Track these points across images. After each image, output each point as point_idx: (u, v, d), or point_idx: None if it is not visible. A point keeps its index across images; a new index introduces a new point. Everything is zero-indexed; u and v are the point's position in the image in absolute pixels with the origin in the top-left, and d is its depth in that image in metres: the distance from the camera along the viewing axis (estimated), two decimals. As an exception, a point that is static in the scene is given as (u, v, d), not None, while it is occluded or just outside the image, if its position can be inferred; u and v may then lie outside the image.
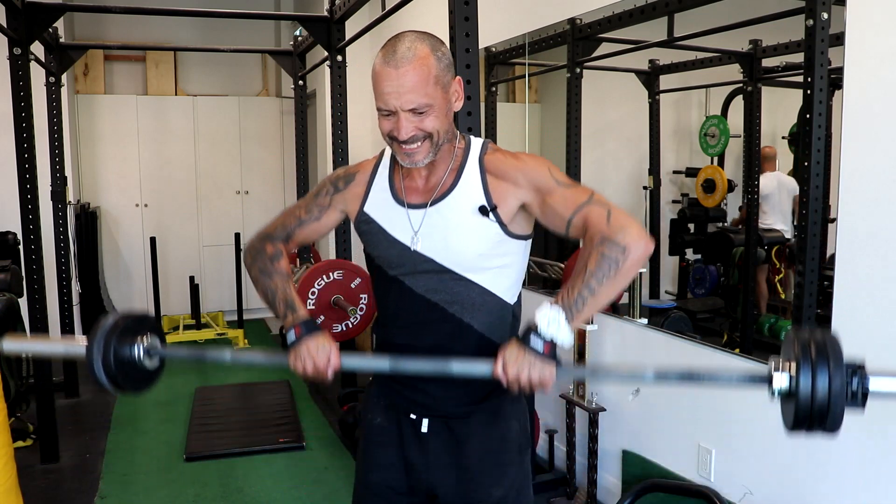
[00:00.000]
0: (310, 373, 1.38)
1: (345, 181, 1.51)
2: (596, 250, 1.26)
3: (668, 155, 3.56)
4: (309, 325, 1.40)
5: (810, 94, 2.03)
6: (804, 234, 2.09)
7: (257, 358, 1.50)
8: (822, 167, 2.06)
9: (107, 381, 1.34)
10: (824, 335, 1.08)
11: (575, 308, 1.25)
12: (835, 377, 1.03)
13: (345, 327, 3.63)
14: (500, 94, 4.04)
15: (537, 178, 1.37)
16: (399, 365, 1.35)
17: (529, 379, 1.24)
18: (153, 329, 1.44)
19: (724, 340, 3.08)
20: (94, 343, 1.34)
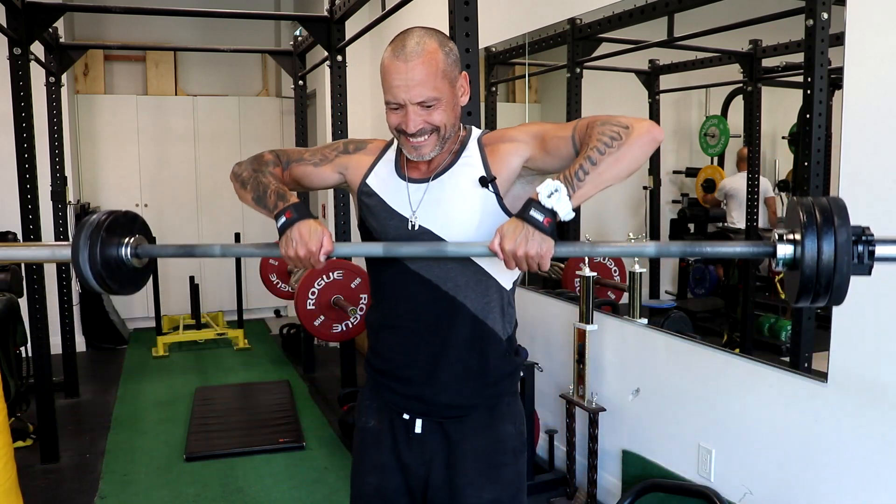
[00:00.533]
0: (302, 257, 1.32)
1: (355, 147, 1.54)
2: (597, 129, 1.25)
3: (668, 155, 3.56)
4: (300, 209, 1.34)
5: (810, 94, 2.03)
6: (804, 234, 2.09)
7: (248, 250, 1.45)
8: (822, 167, 2.06)
9: (93, 278, 1.30)
10: (828, 199, 1.04)
11: (576, 179, 1.21)
12: (840, 237, 0.99)
13: (345, 327, 3.64)
14: (500, 94, 4.04)
15: (533, 128, 1.41)
16: (392, 249, 1.33)
17: (527, 253, 1.19)
18: (141, 228, 1.41)
19: (724, 340, 3.08)
20: (80, 239, 1.29)
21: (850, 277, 1.01)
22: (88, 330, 5.74)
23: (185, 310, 6.12)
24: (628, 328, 2.93)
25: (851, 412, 1.99)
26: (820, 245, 0.99)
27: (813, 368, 2.14)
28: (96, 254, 1.29)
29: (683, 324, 3.02)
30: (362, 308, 3.55)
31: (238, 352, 5.72)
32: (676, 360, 2.66)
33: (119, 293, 1.38)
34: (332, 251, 1.33)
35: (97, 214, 1.34)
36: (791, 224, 1.07)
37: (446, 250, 1.30)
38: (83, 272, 1.29)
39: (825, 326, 2.01)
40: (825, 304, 1.05)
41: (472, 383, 1.45)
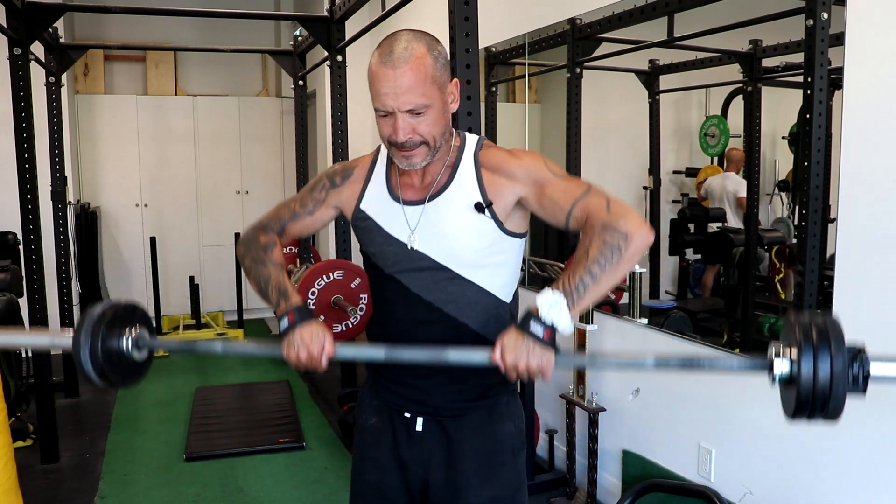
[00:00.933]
0: (303, 361, 1.33)
1: (342, 177, 1.51)
2: (597, 237, 1.25)
3: (668, 155, 3.56)
4: (302, 312, 1.36)
5: (810, 94, 2.03)
6: (804, 234, 2.09)
7: (249, 348, 1.46)
8: (822, 167, 2.06)
9: (94, 373, 1.30)
10: (825, 318, 1.06)
11: (576, 293, 1.22)
12: (836, 361, 1.01)
13: (345, 327, 3.63)
14: (500, 94, 4.04)
15: (534, 171, 1.36)
16: (394, 354, 1.33)
17: (528, 366, 1.21)
18: (142, 319, 1.40)
19: (724, 340, 3.08)
20: (81, 333, 1.29)
21: (845, 400, 1.04)
22: (88, 330, 5.73)
23: (185, 310, 6.12)
24: (628, 328, 2.93)
25: (851, 412, 1.98)
26: (816, 368, 1.01)
27: (813, 368, 2.13)
28: (98, 348, 1.29)
29: (683, 324, 3.02)
30: (362, 308, 3.55)
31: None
32: (676, 360, 2.66)
33: (119, 386, 1.37)
34: (334, 354, 1.34)
35: (99, 306, 1.34)
36: (787, 340, 1.09)
37: (448, 358, 1.28)
38: (85, 367, 1.30)
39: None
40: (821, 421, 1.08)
41: (471, 386, 1.46)
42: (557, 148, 3.48)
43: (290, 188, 6.42)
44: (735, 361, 1.14)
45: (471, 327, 1.42)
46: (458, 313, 1.41)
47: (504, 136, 3.99)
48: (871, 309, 1.90)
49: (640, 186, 3.59)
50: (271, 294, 1.43)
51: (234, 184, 6.57)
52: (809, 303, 2.13)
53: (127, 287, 6.30)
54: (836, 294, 1.98)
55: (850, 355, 1.03)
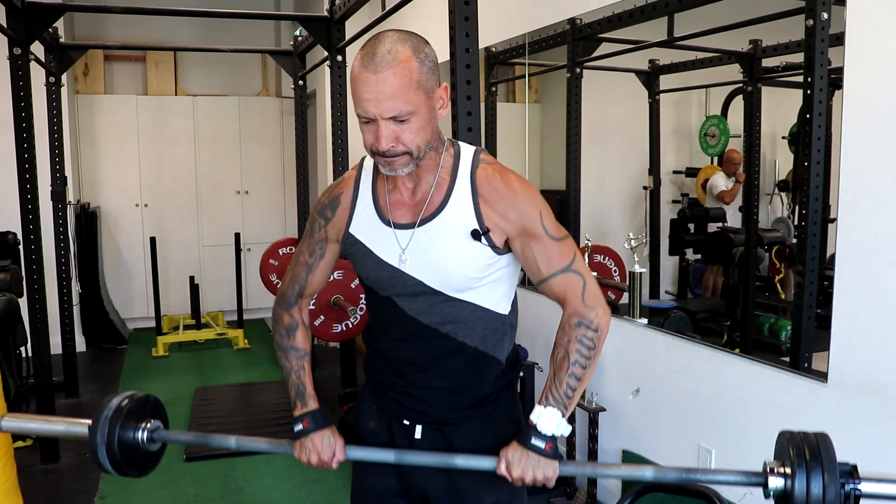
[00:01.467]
0: (314, 464, 1.43)
1: (332, 209, 1.45)
2: (574, 335, 1.33)
3: (668, 155, 3.56)
4: (317, 419, 1.45)
5: (810, 94, 2.03)
6: (804, 234, 2.09)
7: (262, 446, 1.49)
8: (822, 167, 2.06)
9: (111, 467, 1.33)
10: (817, 438, 1.12)
11: (566, 399, 1.32)
12: (829, 485, 1.07)
13: (345, 327, 3.64)
14: (500, 94, 4.04)
15: (527, 221, 1.33)
16: (403, 457, 1.39)
17: (535, 478, 1.30)
18: (155, 410, 1.42)
19: (724, 340, 3.08)
20: (98, 428, 1.32)
21: None
22: (88, 330, 5.74)
23: (185, 310, 6.12)
24: (628, 328, 2.93)
25: (851, 412, 1.99)
26: (809, 488, 1.08)
27: (813, 368, 2.14)
28: (114, 443, 1.32)
29: (683, 324, 3.02)
30: (362, 308, 3.55)
31: (238, 352, 5.72)
32: (676, 360, 2.66)
33: (132, 476, 1.39)
34: (344, 459, 1.43)
35: (115, 399, 1.36)
36: (781, 457, 1.15)
37: (455, 463, 1.35)
38: (101, 462, 1.33)
39: (825, 326, 2.01)
40: None
41: (469, 399, 1.45)
42: (557, 148, 3.49)
43: (290, 188, 6.42)
44: (731, 476, 1.21)
45: (469, 344, 1.40)
46: (455, 332, 1.39)
47: (504, 136, 3.99)
48: (871, 309, 1.90)
49: (640, 186, 3.59)
50: (290, 391, 1.50)
51: (234, 184, 6.57)
52: (809, 302, 2.13)
53: (127, 287, 6.31)
54: (836, 294, 1.98)
55: (841, 476, 1.09)
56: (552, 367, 1.35)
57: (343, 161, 3.96)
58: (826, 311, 2.02)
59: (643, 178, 3.54)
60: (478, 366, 1.43)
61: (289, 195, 6.60)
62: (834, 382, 2.02)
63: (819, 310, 2.12)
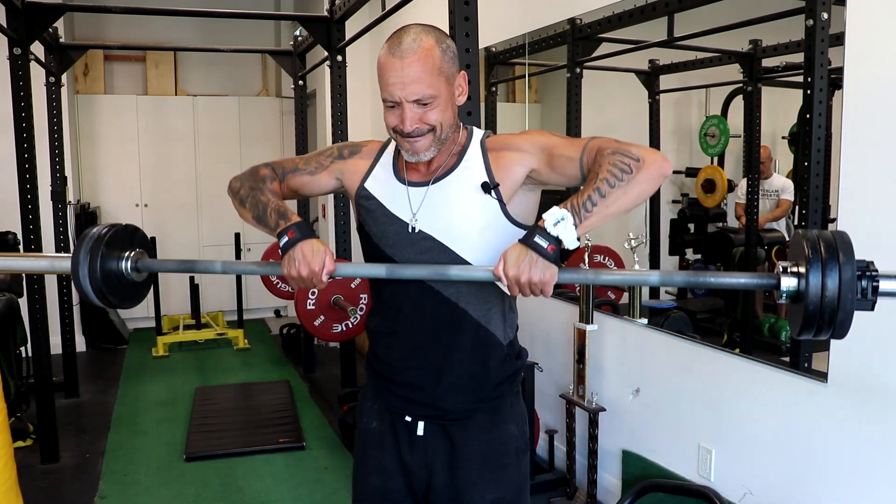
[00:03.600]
0: (304, 276, 1.31)
1: (350, 151, 1.53)
2: (607, 159, 1.23)
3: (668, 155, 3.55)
4: (302, 229, 1.34)
5: (810, 94, 2.03)
6: (804, 234, 2.09)
7: (249, 268, 1.44)
8: (822, 167, 2.06)
9: (92, 293, 1.29)
10: (833, 233, 1.05)
11: (584, 210, 1.20)
12: (845, 272, 0.99)
13: (345, 327, 3.64)
14: (500, 94, 4.04)
15: (540, 139, 1.39)
16: (396, 271, 1.32)
17: (530, 279, 1.18)
18: (142, 242, 1.40)
19: (724, 340, 3.08)
20: (80, 253, 1.28)
21: (853, 313, 1.02)
22: (88, 330, 5.74)
23: (185, 310, 6.12)
24: (628, 328, 2.93)
25: (851, 412, 1.99)
26: (825, 280, 0.99)
27: (813, 368, 2.14)
28: (96, 268, 1.28)
29: (683, 324, 3.02)
30: (362, 308, 3.55)
31: (238, 352, 5.72)
32: (676, 360, 2.66)
33: (119, 307, 1.36)
34: (335, 271, 1.32)
35: (98, 227, 1.32)
36: (795, 256, 1.07)
37: (449, 273, 1.28)
38: (83, 286, 1.28)
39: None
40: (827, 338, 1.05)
41: (473, 387, 1.45)
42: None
43: (290, 188, 6.42)
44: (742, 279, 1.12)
45: (470, 314, 1.42)
46: (458, 298, 1.41)
47: (504, 136, 3.98)
48: (871, 309, 1.90)
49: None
50: (269, 217, 1.40)
51: (234, 184, 6.56)
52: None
53: (127, 287, 6.30)
54: (836, 294, 1.98)
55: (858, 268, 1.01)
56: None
57: (343, 161, 3.95)
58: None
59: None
60: (479, 344, 1.43)
61: (289, 195, 6.59)
62: (834, 382, 2.02)
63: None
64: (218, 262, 1.39)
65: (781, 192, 3.17)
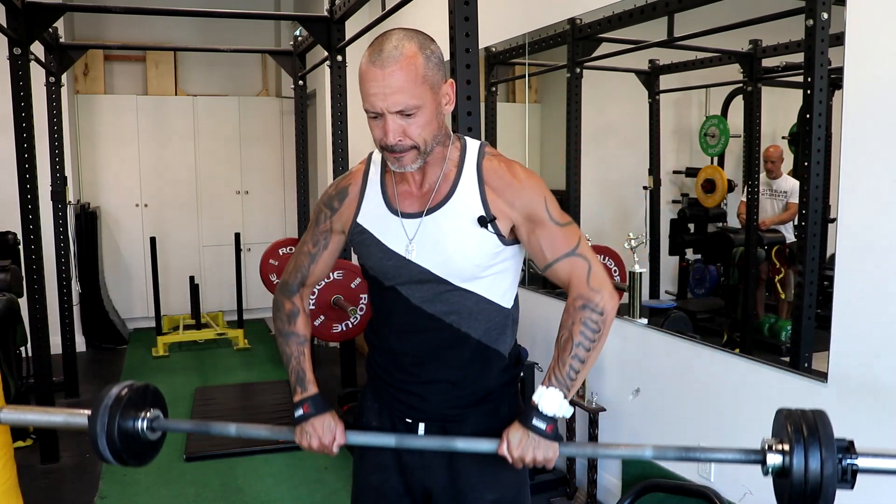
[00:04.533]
0: (315, 449, 1.43)
1: (339, 200, 1.47)
2: (578, 318, 1.33)
3: (668, 155, 3.57)
4: (317, 404, 1.45)
5: (810, 94, 2.03)
6: (804, 234, 2.09)
7: (263, 432, 1.50)
8: (822, 167, 2.06)
9: (111, 456, 1.32)
10: (815, 415, 1.13)
11: (569, 381, 1.31)
12: (826, 460, 1.08)
13: (345, 327, 3.64)
14: (500, 94, 4.04)
15: (532, 207, 1.35)
16: (404, 442, 1.38)
17: (534, 459, 1.29)
18: (155, 400, 1.42)
19: (724, 340, 3.09)
20: (98, 417, 1.31)
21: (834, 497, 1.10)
22: (88, 330, 5.74)
23: (185, 310, 6.11)
24: (628, 328, 2.93)
25: (851, 412, 1.99)
26: (807, 467, 1.09)
27: (813, 368, 2.14)
28: (114, 432, 1.31)
29: (683, 324, 3.02)
30: (362, 308, 3.55)
31: (238, 352, 5.72)
32: (676, 360, 2.66)
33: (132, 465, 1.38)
34: (345, 443, 1.43)
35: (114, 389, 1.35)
36: (779, 434, 1.16)
37: (455, 445, 1.34)
38: (102, 452, 1.31)
39: (825, 326, 2.01)
40: None
41: (472, 394, 1.45)
42: (557, 148, 3.48)
43: (290, 188, 6.41)
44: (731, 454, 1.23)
45: (473, 336, 1.41)
46: (459, 323, 1.40)
47: (504, 136, 3.99)
48: (871, 309, 1.90)
49: (640, 186, 3.59)
50: (290, 376, 1.51)
51: (234, 184, 6.57)
52: (809, 302, 2.13)
53: (127, 287, 6.31)
54: (836, 294, 1.98)
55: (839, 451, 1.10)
56: (556, 349, 1.35)
57: (343, 161, 3.96)
58: (826, 311, 2.02)
59: (643, 178, 3.54)
60: (480, 359, 1.43)
61: (289, 195, 6.60)
62: (834, 382, 2.02)
63: (819, 310, 2.12)
64: (232, 426, 1.46)
65: (790, 195, 3.15)
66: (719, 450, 1.24)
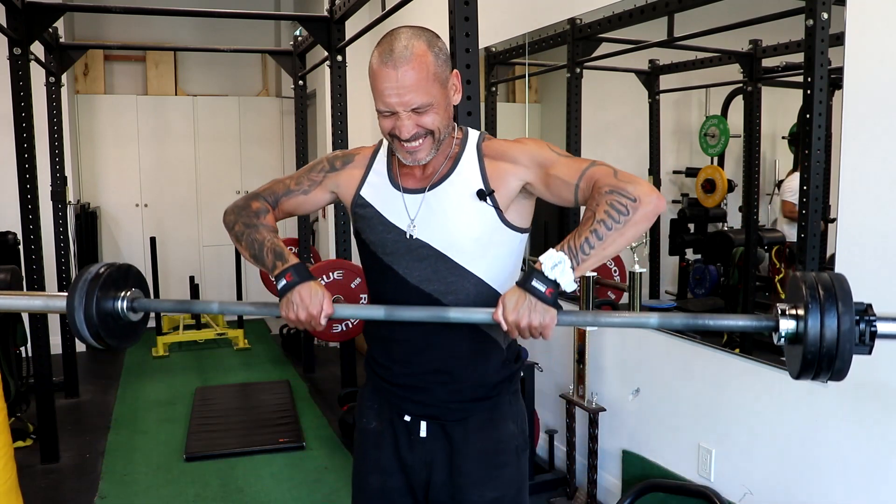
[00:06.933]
0: (303, 319, 1.32)
1: (342, 161, 1.50)
2: (604, 198, 1.22)
3: (668, 155, 3.56)
4: (300, 272, 1.34)
5: (810, 94, 2.03)
6: (804, 234, 2.09)
7: (246, 308, 1.44)
8: (822, 167, 2.06)
9: (89, 335, 1.28)
10: (831, 276, 1.04)
11: (581, 253, 1.20)
12: (843, 319, 0.99)
13: (345, 327, 3.64)
14: (500, 94, 4.04)
15: (538, 154, 1.36)
16: (394, 313, 1.31)
17: (530, 324, 1.19)
18: (137, 280, 1.38)
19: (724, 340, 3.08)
20: (76, 295, 1.26)
21: (851, 358, 1.02)
22: (88, 330, 5.73)
23: (185, 310, 6.11)
24: (628, 328, 2.93)
25: (851, 412, 1.99)
26: (823, 326, 1.00)
27: (813, 368, 2.13)
28: (92, 310, 1.26)
29: (683, 324, 3.02)
30: (362, 308, 3.54)
31: (238, 352, 5.72)
32: (676, 360, 2.66)
33: (114, 348, 1.35)
34: (333, 313, 1.33)
35: (93, 267, 1.31)
36: (794, 298, 1.07)
37: (448, 316, 1.27)
38: (80, 330, 1.27)
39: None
40: (826, 381, 1.05)
41: (472, 390, 1.45)
42: (557, 148, 3.47)
43: (290, 188, 6.42)
44: (741, 321, 1.12)
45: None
46: (457, 305, 1.40)
47: (504, 136, 3.97)
48: (871, 309, 1.90)
49: (640, 186, 3.58)
50: (266, 257, 1.39)
51: (234, 184, 6.57)
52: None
53: (127, 287, 6.30)
54: (836, 294, 1.98)
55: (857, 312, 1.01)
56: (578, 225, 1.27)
57: (343, 161, 3.96)
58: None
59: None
60: (479, 348, 1.43)
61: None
62: (834, 383, 2.02)
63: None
64: (215, 303, 1.39)
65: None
66: (728, 316, 1.14)
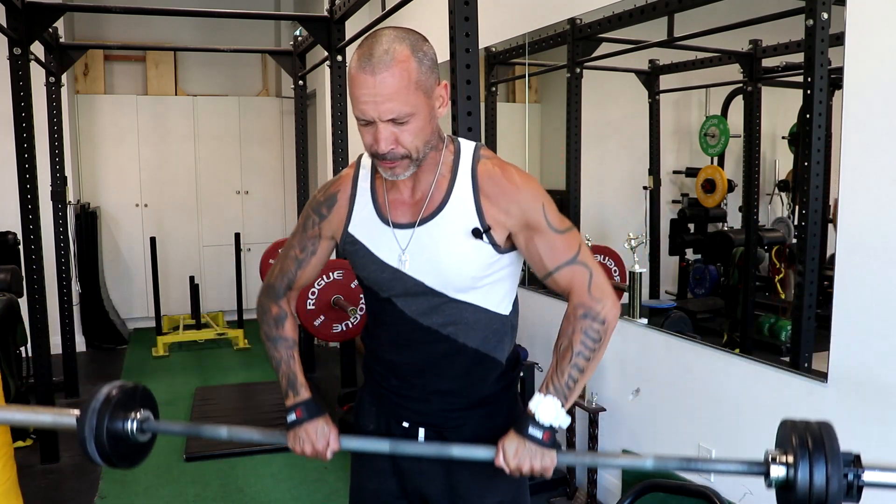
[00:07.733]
0: (308, 455, 1.41)
1: (327, 206, 1.42)
2: (579, 324, 1.31)
3: (668, 155, 3.56)
4: (310, 408, 1.42)
5: (810, 94, 2.03)
6: (804, 234, 2.09)
7: (255, 436, 1.45)
8: (822, 167, 2.06)
9: (100, 458, 1.29)
10: (820, 427, 1.09)
11: (567, 390, 1.29)
12: (832, 473, 1.05)
13: (345, 327, 3.64)
14: (500, 94, 4.04)
15: (530, 214, 1.30)
16: (398, 448, 1.35)
17: (531, 469, 1.27)
18: (145, 401, 1.39)
19: (724, 340, 3.08)
20: (87, 418, 1.28)
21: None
22: (88, 330, 5.74)
23: (185, 310, 6.12)
24: (628, 328, 2.93)
25: (851, 412, 1.99)
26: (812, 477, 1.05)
27: (813, 368, 2.14)
28: (103, 435, 1.28)
29: (683, 324, 3.02)
30: (362, 308, 3.54)
31: (238, 352, 5.72)
32: (676, 360, 2.66)
33: (122, 468, 1.36)
34: (339, 449, 1.40)
35: (104, 388, 1.32)
36: (783, 446, 1.13)
37: (451, 453, 1.31)
38: (90, 453, 1.29)
39: (825, 326, 2.01)
40: None
41: (469, 400, 1.44)
42: (557, 148, 3.49)
43: (290, 188, 6.42)
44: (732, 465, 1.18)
45: (470, 346, 1.39)
46: (457, 334, 1.37)
47: (504, 136, 3.99)
48: (871, 309, 1.90)
49: (640, 186, 3.59)
50: (281, 381, 1.47)
51: (234, 184, 6.57)
52: (809, 302, 2.13)
53: (127, 287, 6.31)
54: (836, 294, 1.98)
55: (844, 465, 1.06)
56: (555, 356, 1.32)
57: (343, 161, 3.96)
58: (826, 311, 2.02)
59: (643, 178, 3.54)
60: (478, 367, 1.42)
61: (289, 195, 6.60)
62: (834, 382, 2.02)
63: (819, 310, 2.12)
64: (223, 429, 1.43)
65: None
66: (721, 461, 1.20)
